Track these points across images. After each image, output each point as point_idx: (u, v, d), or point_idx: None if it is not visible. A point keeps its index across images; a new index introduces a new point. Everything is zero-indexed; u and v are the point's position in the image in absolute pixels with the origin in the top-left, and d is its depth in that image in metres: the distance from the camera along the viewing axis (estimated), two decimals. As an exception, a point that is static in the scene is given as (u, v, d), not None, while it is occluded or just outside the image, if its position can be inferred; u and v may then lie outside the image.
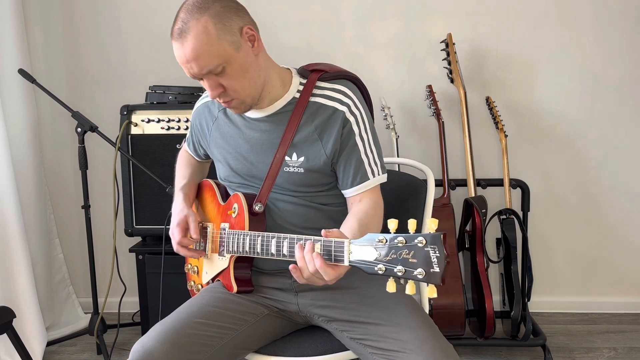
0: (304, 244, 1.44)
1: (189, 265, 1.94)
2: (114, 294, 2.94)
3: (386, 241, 1.25)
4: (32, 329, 2.79)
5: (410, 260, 1.20)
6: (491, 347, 2.87)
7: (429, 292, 1.19)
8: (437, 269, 1.16)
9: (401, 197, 1.99)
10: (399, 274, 1.22)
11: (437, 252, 1.17)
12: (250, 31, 1.59)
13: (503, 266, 2.84)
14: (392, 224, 1.24)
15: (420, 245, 1.19)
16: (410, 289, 1.21)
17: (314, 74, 1.72)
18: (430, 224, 1.18)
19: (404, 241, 1.21)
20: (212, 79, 1.57)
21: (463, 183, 2.95)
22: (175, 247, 1.76)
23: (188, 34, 1.51)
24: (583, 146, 3.13)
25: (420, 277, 1.18)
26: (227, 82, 1.58)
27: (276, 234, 1.56)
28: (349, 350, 1.71)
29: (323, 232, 1.42)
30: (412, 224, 1.22)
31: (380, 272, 1.25)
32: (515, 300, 2.71)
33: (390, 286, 1.26)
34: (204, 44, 1.51)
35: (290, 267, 1.45)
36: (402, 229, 1.25)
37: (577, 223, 3.20)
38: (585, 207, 3.19)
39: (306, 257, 1.42)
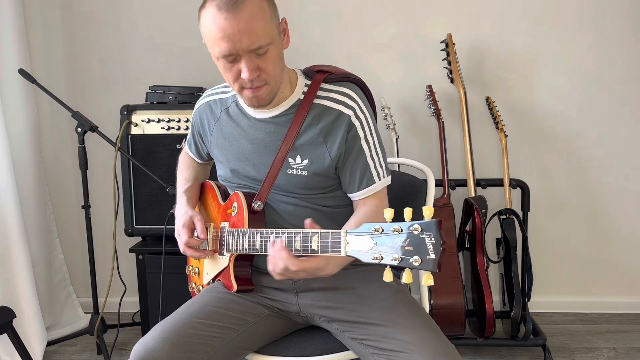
0: (275, 241, 1.48)
1: (190, 267, 1.94)
2: (114, 294, 2.93)
3: (382, 230, 1.25)
4: (32, 329, 2.78)
5: (406, 248, 1.19)
6: (491, 347, 2.87)
7: (425, 279, 1.19)
8: (432, 256, 1.16)
9: (401, 197, 1.98)
10: (395, 262, 1.22)
11: (432, 238, 1.16)
12: (285, 24, 1.60)
13: (503, 266, 2.84)
14: (388, 212, 1.24)
15: (415, 232, 1.19)
16: (406, 277, 1.21)
17: (319, 74, 1.71)
18: (425, 211, 1.18)
19: (400, 229, 1.21)
20: (253, 60, 1.51)
21: (463, 183, 2.94)
22: (182, 248, 1.74)
23: (244, 6, 1.46)
24: (583, 146, 3.13)
25: (416, 264, 1.18)
26: (265, 65, 1.53)
27: (274, 229, 1.55)
28: (349, 350, 1.70)
29: (307, 222, 1.45)
30: (407, 212, 1.22)
31: (376, 261, 1.25)
32: (515, 300, 2.70)
33: (387, 275, 1.26)
34: (259, 19, 1.49)
35: (268, 266, 1.50)
36: (399, 219, 1.24)
37: (577, 223, 3.19)
38: (585, 207, 3.18)
39: (276, 255, 1.46)
